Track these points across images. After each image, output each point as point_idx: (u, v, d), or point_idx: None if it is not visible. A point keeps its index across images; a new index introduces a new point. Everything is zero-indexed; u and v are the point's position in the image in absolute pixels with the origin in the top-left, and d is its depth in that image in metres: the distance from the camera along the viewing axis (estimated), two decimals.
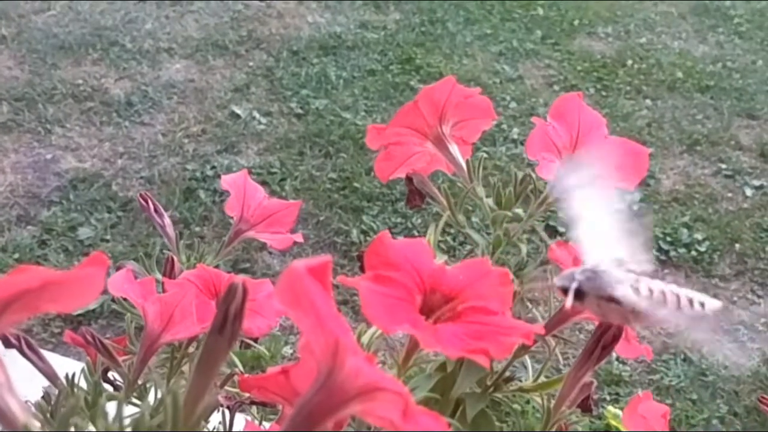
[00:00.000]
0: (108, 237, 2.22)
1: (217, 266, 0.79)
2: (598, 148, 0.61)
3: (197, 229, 2.22)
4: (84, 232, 2.23)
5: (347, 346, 0.32)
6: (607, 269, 0.45)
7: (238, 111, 2.76)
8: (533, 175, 0.63)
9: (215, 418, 0.67)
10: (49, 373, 0.56)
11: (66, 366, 0.63)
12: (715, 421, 1.85)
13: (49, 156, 2.51)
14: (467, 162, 0.63)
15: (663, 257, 2.27)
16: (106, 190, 2.38)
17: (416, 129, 0.63)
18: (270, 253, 2.20)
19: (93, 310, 1.97)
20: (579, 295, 0.45)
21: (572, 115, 0.62)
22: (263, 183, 2.42)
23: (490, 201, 0.63)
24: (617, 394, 1.89)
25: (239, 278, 0.67)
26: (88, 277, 0.34)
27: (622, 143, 0.63)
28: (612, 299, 0.45)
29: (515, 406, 0.64)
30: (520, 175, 0.61)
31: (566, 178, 0.52)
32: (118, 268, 0.67)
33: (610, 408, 1.91)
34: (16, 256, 2.13)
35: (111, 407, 0.60)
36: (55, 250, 2.16)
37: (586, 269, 0.45)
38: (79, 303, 0.35)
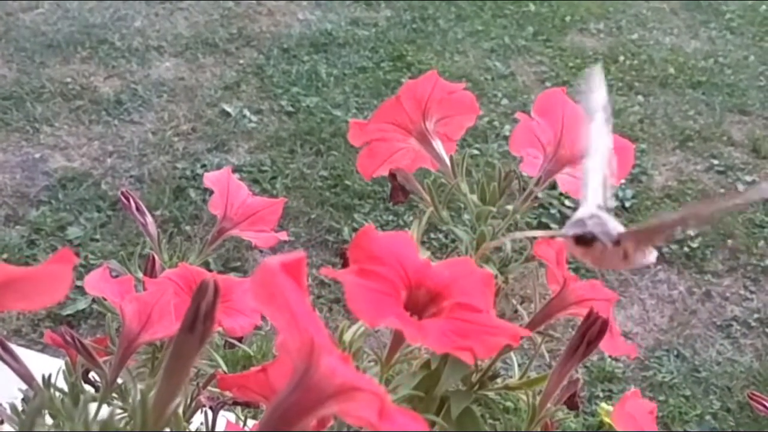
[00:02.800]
0: (97, 236, 2.20)
1: (207, 264, 0.77)
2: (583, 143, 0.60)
3: (187, 228, 2.20)
4: (73, 232, 2.21)
5: (322, 344, 0.32)
6: (606, 215, 0.46)
7: (229, 109, 2.74)
8: (517, 171, 0.62)
9: (198, 419, 0.66)
10: (25, 375, 0.55)
11: (55, 367, 0.62)
12: (708, 417, 1.85)
13: (37, 155, 2.50)
14: (451, 158, 0.62)
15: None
16: (95, 189, 2.37)
17: (399, 125, 0.62)
18: (261, 251, 2.19)
19: (83, 310, 1.96)
20: (588, 240, 0.45)
21: (556, 110, 0.61)
22: (254, 181, 2.42)
23: (474, 197, 0.62)
24: (610, 390, 1.89)
25: (219, 276, 0.66)
26: (55, 273, 0.33)
27: None
28: (617, 242, 0.45)
29: (507, 403, 0.63)
30: (505, 170, 0.60)
31: (593, 96, 0.54)
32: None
33: (603, 405, 1.90)
34: (5, 256, 2.12)
35: (92, 408, 0.59)
36: (44, 250, 2.15)
37: (592, 215, 0.46)
38: (46, 300, 0.34)
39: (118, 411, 0.56)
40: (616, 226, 0.45)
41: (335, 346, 0.51)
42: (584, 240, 0.45)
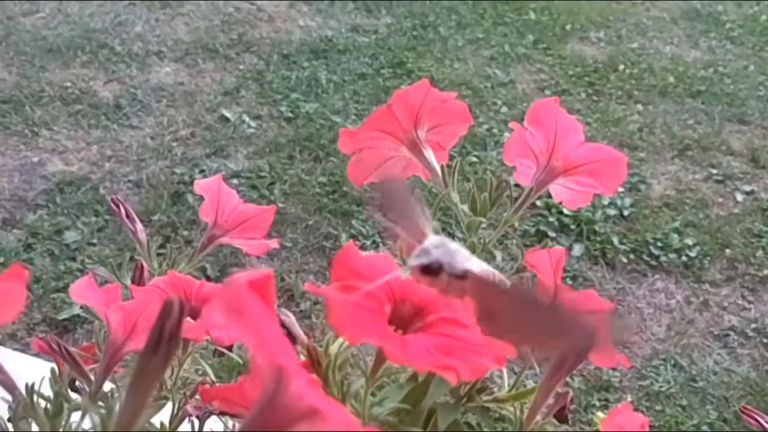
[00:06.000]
0: (95, 241, 2.20)
1: (204, 271, 0.77)
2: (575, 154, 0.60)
3: (185, 233, 2.20)
4: (70, 236, 2.21)
5: (290, 367, 0.31)
6: (455, 245, 0.43)
7: (228, 114, 2.74)
8: (510, 181, 0.62)
9: (184, 427, 0.66)
10: (8, 384, 0.54)
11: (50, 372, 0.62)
12: (704, 427, 1.84)
13: (36, 159, 2.50)
14: (442, 167, 0.62)
15: (653, 262, 2.26)
16: (93, 193, 2.37)
17: (390, 133, 0.61)
18: (258, 257, 2.18)
19: (78, 315, 1.95)
20: (434, 271, 0.42)
21: (549, 120, 0.60)
22: (252, 187, 2.41)
23: (466, 207, 0.61)
24: (606, 400, 1.88)
25: (208, 284, 0.65)
26: (5, 292, 0.32)
27: (599, 149, 0.62)
28: (462, 276, 0.43)
29: (503, 411, 0.63)
30: (496, 180, 0.59)
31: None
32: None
33: (600, 414, 1.90)
34: (1, 260, 2.11)
35: (76, 416, 0.59)
36: (40, 254, 2.14)
37: (438, 245, 0.43)
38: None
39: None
40: (465, 261, 0.43)
41: (321, 360, 0.51)
42: (430, 270, 0.42)
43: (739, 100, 3.01)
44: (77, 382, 0.64)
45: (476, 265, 0.44)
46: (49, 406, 0.54)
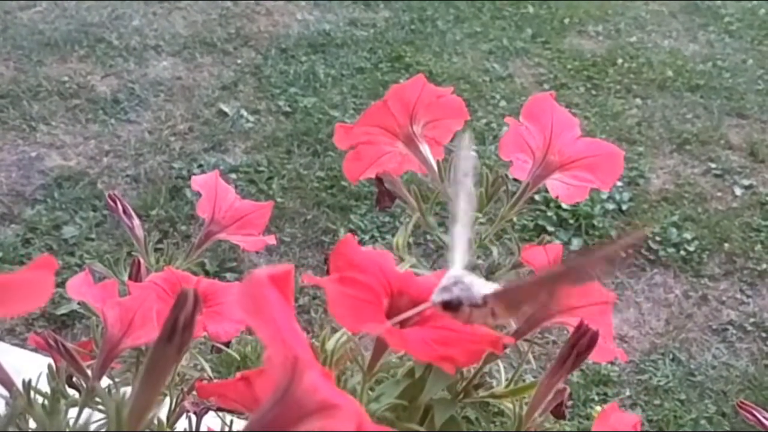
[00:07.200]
0: (93, 236, 2.20)
1: (202, 265, 0.77)
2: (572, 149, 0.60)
3: (183, 228, 2.20)
4: (68, 231, 2.21)
5: (305, 360, 0.31)
6: (470, 278, 0.48)
7: (226, 109, 2.74)
8: (507, 176, 0.62)
9: (182, 423, 0.66)
10: (5, 380, 0.54)
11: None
12: (703, 422, 1.84)
13: (33, 154, 2.49)
14: (438, 162, 0.61)
15: (652, 257, 2.26)
16: (91, 188, 2.36)
17: (386, 128, 0.61)
18: (257, 252, 2.18)
19: (76, 311, 1.95)
20: (455, 306, 0.46)
21: (545, 115, 0.60)
22: (250, 182, 2.41)
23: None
24: (605, 394, 1.89)
25: (205, 280, 0.65)
26: (35, 280, 0.33)
27: (595, 144, 0.62)
28: (482, 304, 0.47)
29: (502, 407, 0.63)
30: (493, 175, 0.59)
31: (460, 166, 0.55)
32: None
33: (598, 408, 1.90)
34: (0, 254, 2.11)
35: (74, 413, 0.59)
36: (39, 249, 2.14)
37: (457, 282, 0.47)
38: (26, 307, 0.34)
39: (100, 416, 0.55)
40: (481, 289, 0.47)
41: (318, 356, 0.51)
42: (451, 306, 0.46)
43: (737, 94, 3.00)
44: (74, 378, 0.64)
45: (491, 287, 0.48)
46: (46, 402, 0.54)
